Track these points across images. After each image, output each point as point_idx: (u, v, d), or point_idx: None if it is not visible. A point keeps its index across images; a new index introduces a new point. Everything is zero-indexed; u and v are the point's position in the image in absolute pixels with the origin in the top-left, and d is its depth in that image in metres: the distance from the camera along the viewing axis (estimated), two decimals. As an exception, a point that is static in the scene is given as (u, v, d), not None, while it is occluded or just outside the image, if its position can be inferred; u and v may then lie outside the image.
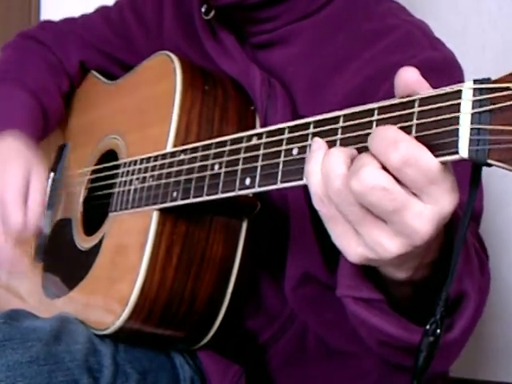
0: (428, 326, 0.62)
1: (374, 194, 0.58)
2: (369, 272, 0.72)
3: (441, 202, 0.58)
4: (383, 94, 0.90)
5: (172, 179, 0.93)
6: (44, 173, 1.12)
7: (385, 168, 0.58)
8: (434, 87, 0.61)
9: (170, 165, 0.94)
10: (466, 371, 1.65)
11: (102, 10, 1.34)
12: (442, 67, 0.92)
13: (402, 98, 0.61)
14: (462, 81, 0.95)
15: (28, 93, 1.23)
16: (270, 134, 0.75)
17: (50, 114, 1.27)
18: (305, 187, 0.69)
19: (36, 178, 1.09)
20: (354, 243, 0.62)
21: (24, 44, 1.36)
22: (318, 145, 0.65)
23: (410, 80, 0.61)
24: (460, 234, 0.62)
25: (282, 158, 0.72)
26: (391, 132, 0.58)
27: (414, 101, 0.60)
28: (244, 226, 1.01)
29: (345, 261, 0.73)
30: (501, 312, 1.65)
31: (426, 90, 0.60)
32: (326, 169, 0.61)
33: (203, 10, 1.09)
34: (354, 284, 0.73)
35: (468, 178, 0.60)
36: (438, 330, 0.62)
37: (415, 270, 0.67)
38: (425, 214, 0.58)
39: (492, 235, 1.64)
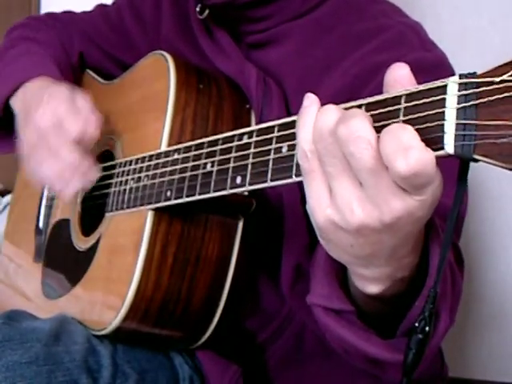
0: (417, 324, 0.62)
1: (358, 145, 0.57)
2: (343, 285, 0.73)
3: (423, 196, 0.58)
4: (368, 92, 0.90)
5: (166, 178, 0.93)
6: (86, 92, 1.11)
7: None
8: None
9: (164, 164, 0.94)
10: (465, 371, 1.65)
11: (101, 8, 1.34)
12: (432, 68, 0.91)
13: (389, 94, 0.61)
14: None
15: (48, 53, 1.24)
16: (260, 132, 0.75)
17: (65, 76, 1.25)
18: (300, 186, 0.69)
19: (80, 92, 1.09)
20: (325, 203, 0.61)
21: (34, 23, 1.36)
22: (310, 100, 0.64)
23: (400, 76, 0.60)
24: (449, 227, 0.61)
25: (271, 156, 0.72)
26: (407, 135, 0.56)
27: (400, 96, 0.59)
28: (240, 224, 1.01)
29: (320, 268, 0.74)
30: (500, 313, 1.64)
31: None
32: (318, 123, 0.60)
33: (197, 9, 1.09)
34: (327, 293, 0.73)
35: (453, 184, 0.60)
36: (427, 328, 0.61)
37: (386, 286, 0.68)
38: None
39: (491, 237, 1.64)
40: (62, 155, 1.01)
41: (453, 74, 0.94)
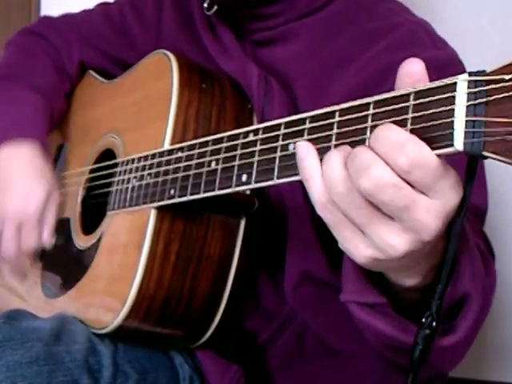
0: (424, 319, 0.62)
1: (386, 192, 0.57)
2: (375, 276, 0.72)
3: (447, 196, 0.58)
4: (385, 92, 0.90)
5: (169, 176, 0.93)
6: (58, 196, 1.18)
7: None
8: None
9: (168, 162, 0.94)
10: (466, 371, 1.65)
11: (102, 8, 1.34)
12: (445, 66, 0.91)
13: (397, 91, 0.61)
14: None
15: (38, 94, 1.23)
16: (267, 129, 0.75)
17: (55, 115, 1.27)
18: (302, 183, 0.68)
19: (53, 201, 1.16)
20: (362, 246, 0.61)
21: (28, 41, 1.35)
22: (305, 150, 0.64)
23: (413, 71, 0.60)
24: (456, 226, 0.61)
25: (278, 154, 0.72)
26: (395, 134, 0.58)
27: (409, 94, 0.60)
28: (242, 224, 1.01)
29: (348, 266, 0.73)
30: (501, 312, 1.64)
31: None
32: (327, 176, 0.60)
33: (205, 5, 1.08)
34: (358, 289, 0.72)
35: (463, 171, 0.60)
36: (434, 323, 0.61)
37: (423, 276, 0.67)
38: (433, 209, 0.58)
39: (493, 235, 1.63)
40: (10, 254, 1.15)
41: (465, 71, 0.96)
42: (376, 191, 0.57)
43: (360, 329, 0.77)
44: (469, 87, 0.56)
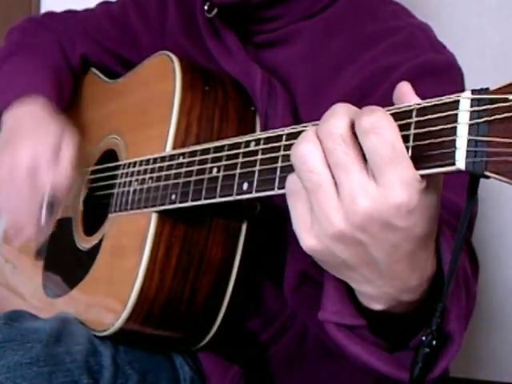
0: (424, 338, 0.61)
1: (334, 140, 0.58)
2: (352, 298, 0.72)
3: (393, 189, 0.57)
4: (381, 93, 0.90)
5: (171, 181, 0.92)
6: (74, 135, 1.13)
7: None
8: (434, 89, 0.60)
9: (169, 167, 0.94)
10: (466, 371, 1.65)
11: (105, 6, 1.33)
12: (442, 70, 0.92)
13: (400, 107, 0.61)
14: (462, 84, 0.95)
15: (46, 64, 1.24)
16: (268, 139, 0.74)
17: (64, 90, 1.26)
18: None
19: (68, 139, 1.10)
20: (309, 224, 0.62)
21: (33, 28, 1.35)
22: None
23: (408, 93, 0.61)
24: (457, 242, 0.61)
25: (279, 164, 0.71)
26: (375, 106, 0.59)
27: (411, 110, 0.59)
28: (243, 227, 1.01)
29: (330, 284, 0.73)
30: (500, 313, 1.65)
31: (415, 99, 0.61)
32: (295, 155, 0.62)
33: (206, 7, 1.08)
34: (338, 309, 0.71)
35: (465, 184, 0.60)
36: (434, 342, 0.61)
37: (390, 304, 0.67)
38: (372, 193, 0.58)
39: (491, 239, 1.64)
40: (24, 203, 1.06)
41: (462, 76, 0.96)
42: (325, 137, 0.58)
43: (333, 347, 0.76)
44: (472, 105, 0.56)
